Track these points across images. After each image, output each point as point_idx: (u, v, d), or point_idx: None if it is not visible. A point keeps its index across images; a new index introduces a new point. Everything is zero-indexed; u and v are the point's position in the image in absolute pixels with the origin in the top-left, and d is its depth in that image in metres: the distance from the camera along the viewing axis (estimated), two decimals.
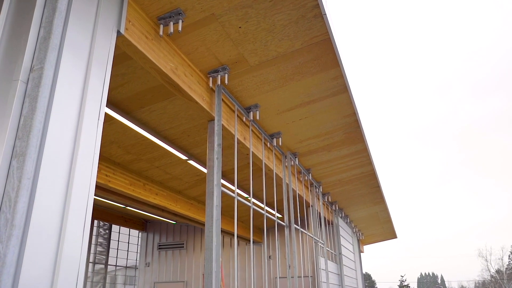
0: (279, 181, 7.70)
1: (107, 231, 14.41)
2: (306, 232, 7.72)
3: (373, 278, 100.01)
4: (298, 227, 7.32)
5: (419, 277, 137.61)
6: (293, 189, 8.33)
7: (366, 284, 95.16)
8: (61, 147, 2.53)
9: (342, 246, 12.01)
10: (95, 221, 13.34)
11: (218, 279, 4.13)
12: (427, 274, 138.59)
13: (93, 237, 13.10)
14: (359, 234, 18.29)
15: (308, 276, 10.53)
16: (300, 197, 8.83)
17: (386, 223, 17.31)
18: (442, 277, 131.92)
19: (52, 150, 2.45)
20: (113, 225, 14.77)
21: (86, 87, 2.85)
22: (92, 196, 2.74)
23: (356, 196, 11.87)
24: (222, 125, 5.19)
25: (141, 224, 15.15)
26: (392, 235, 21.19)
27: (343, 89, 5.76)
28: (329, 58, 4.98)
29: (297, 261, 8.72)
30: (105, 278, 13.37)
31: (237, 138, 5.72)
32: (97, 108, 2.94)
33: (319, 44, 4.69)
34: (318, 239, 8.82)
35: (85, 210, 2.62)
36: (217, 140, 4.69)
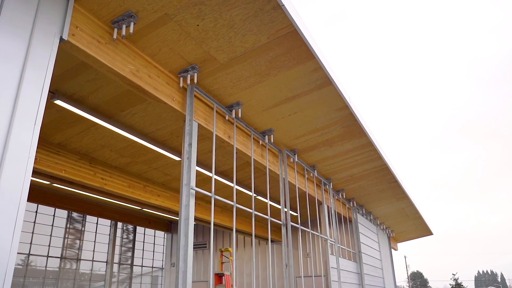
0: (280, 179, 7.58)
1: (132, 233, 14.85)
2: (308, 230, 7.55)
3: (425, 277, 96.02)
4: (298, 225, 7.17)
5: (476, 275, 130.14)
6: (298, 187, 8.18)
7: (418, 282, 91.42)
8: None
9: (363, 244, 11.63)
10: (119, 223, 13.80)
11: (185, 279, 4.12)
12: (485, 272, 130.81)
13: (118, 239, 13.56)
14: (389, 231, 17.64)
15: (320, 276, 10.32)
16: (307, 194, 8.65)
17: (417, 219, 16.57)
18: (502, 275, 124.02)
19: None
20: (138, 227, 15.19)
21: (19, 93, 2.93)
22: (23, 204, 2.80)
23: (374, 192, 11.45)
24: (200, 124, 5.18)
25: (165, 225, 15.50)
26: (426, 231, 20.24)
27: (327, 81, 5.56)
28: (302, 50, 4.82)
29: (293, 260, 8.54)
30: (130, 278, 13.81)
31: (221, 137, 5.69)
32: (33, 113, 3.02)
33: (287, 37, 4.55)
34: (327, 237, 8.60)
35: (13, 223, 2.69)
36: (187, 140, 4.68)
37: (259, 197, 10.09)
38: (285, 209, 6.80)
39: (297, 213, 11.86)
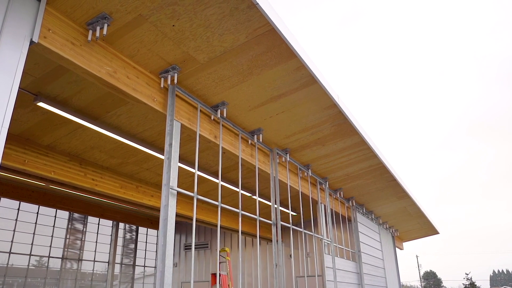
0: (270, 178, 7.55)
1: (134, 233, 14.95)
2: (301, 229, 7.51)
3: (438, 276, 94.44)
4: (289, 225, 7.14)
5: (492, 274, 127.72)
6: (292, 187, 8.15)
7: (432, 282, 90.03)
8: None
9: (363, 243, 11.54)
10: (121, 224, 13.90)
11: (162, 280, 4.13)
12: (500, 271, 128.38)
13: (119, 239, 13.67)
14: (393, 231, 17.47)
15: (319, 276, 10.27)
16: (300, 193, 8.61)
17: (420, 218, 16.38)
18: None
19: None
20: (140, 227, 15.28)
21: None
22: None
23: (373, 190, 11.35)
24: (183, 125, 5.19)
25: None
26: (432, 230, 20.00)
27: (311, 80, 5.52)
28: (283, 48, 4.80)
29: (293, 259, 8.50)
30: (132, 278, 13.91)
31: (206, 137, 5.70)
32: (0, 115, 3.06)
33: (266, 36, 4.54)
34: (321, 236, 8.55)
35: None
36: (168, 140, 4.69)
37: (254, 197, 10.08)
38: (275, 206, 6.78)
39: (293, 213, 11.84)
